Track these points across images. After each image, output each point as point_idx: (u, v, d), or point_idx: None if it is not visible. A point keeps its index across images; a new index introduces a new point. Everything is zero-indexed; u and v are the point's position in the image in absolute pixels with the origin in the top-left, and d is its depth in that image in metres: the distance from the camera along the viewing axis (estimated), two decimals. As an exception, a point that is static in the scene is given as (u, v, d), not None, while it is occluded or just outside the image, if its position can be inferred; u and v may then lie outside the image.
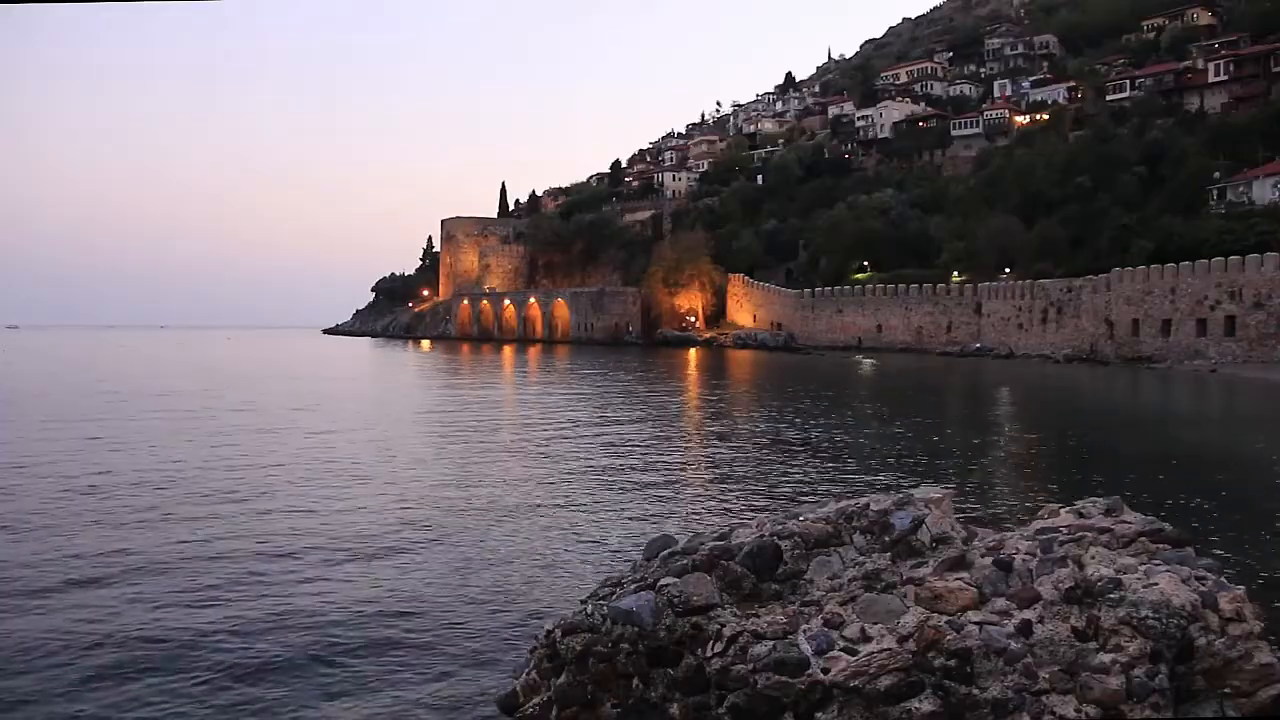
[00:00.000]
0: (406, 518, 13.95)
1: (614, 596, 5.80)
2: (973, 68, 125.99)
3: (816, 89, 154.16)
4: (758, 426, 26.87)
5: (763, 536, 5.81)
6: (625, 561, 9.32)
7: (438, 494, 16.08)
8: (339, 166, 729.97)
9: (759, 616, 5.39)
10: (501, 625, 8.92)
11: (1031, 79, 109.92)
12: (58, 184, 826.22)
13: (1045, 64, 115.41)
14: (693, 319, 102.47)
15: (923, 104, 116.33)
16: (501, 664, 7.78)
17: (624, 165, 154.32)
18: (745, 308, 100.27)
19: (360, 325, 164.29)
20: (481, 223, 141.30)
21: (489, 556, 11.62)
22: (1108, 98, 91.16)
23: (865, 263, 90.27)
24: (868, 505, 5.95)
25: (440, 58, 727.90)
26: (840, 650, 5.06)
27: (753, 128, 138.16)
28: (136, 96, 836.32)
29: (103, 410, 30.51)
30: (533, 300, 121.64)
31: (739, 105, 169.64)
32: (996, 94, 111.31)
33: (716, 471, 18.59)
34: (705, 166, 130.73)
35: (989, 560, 5.44)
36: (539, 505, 14.97)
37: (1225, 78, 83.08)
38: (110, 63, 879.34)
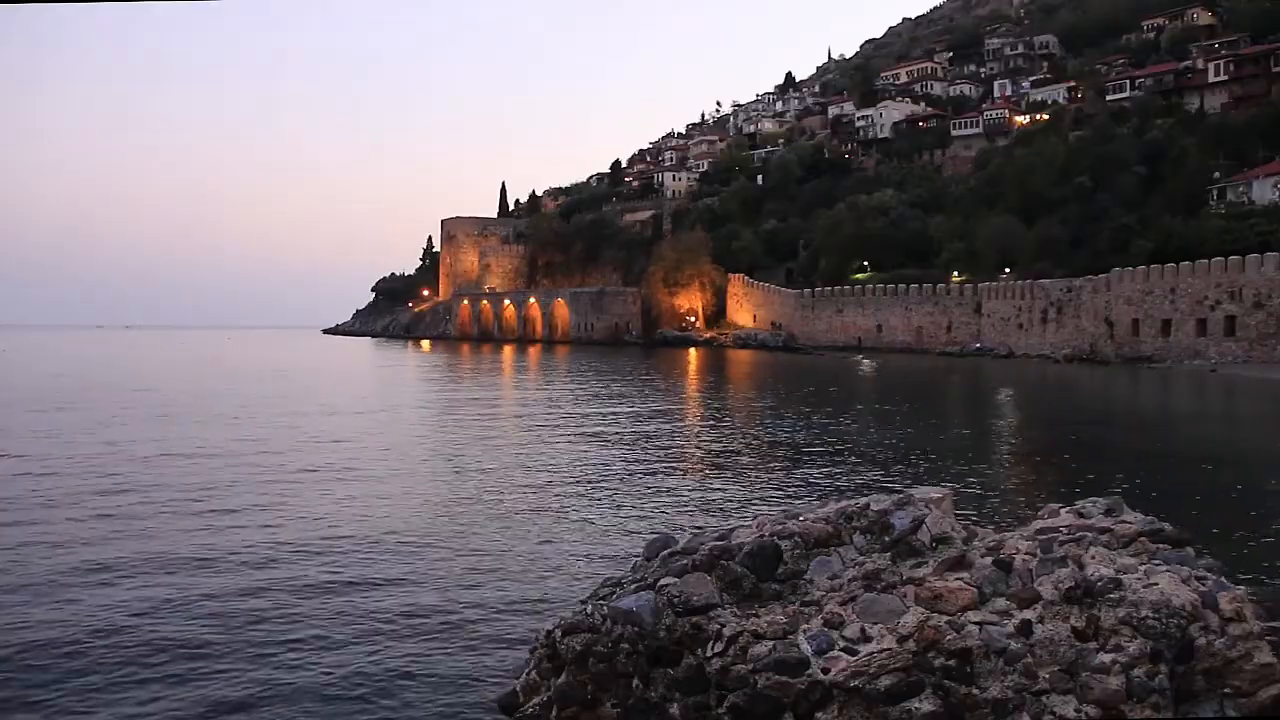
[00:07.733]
0: (405, 519, 13.94)
1: (614, 596, 5.80)
2: (973, 68, 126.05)
3: (816, 89, 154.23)
4: (758, 427, 26.86)
5: (763, 536, 5.81)
6: (625, 561, 9.31)
7: (436, 495, 16.08)
8: (338, 166, 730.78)
9: (759, 616, 5.39)
10: (501, 625, 8.91)
11: (1031, 79, 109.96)
12: (52, 182, 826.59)
13: (1045, 64, 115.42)
14: (693, 319, 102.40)
15: (923, 104, 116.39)
16: (501, 664, 7.78)
17: (624, 165, 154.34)
18: (745, 308, 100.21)
19: (360, 325, 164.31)
20: (481, 223, 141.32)
21: (488, 557, 11.61)
22: (1108, 98, 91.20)
23: (865, 263, 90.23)
24: (868, 505, 5.95)
25: (441, 60, 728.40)
26: (840, 650, 5.06)
27: (753, 128, 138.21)
28: (134, 96, 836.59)
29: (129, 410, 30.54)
30: (533, 300, 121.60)
31: (739, 105, 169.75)
32: (996, 94, 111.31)
33: (717, 472, 18.58)
34: (705, 166, 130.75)
35: (989, 560, 5.43)
36: (539, 505, 14.96)
37: (1225, 78, 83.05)
38: (111, 62, 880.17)
